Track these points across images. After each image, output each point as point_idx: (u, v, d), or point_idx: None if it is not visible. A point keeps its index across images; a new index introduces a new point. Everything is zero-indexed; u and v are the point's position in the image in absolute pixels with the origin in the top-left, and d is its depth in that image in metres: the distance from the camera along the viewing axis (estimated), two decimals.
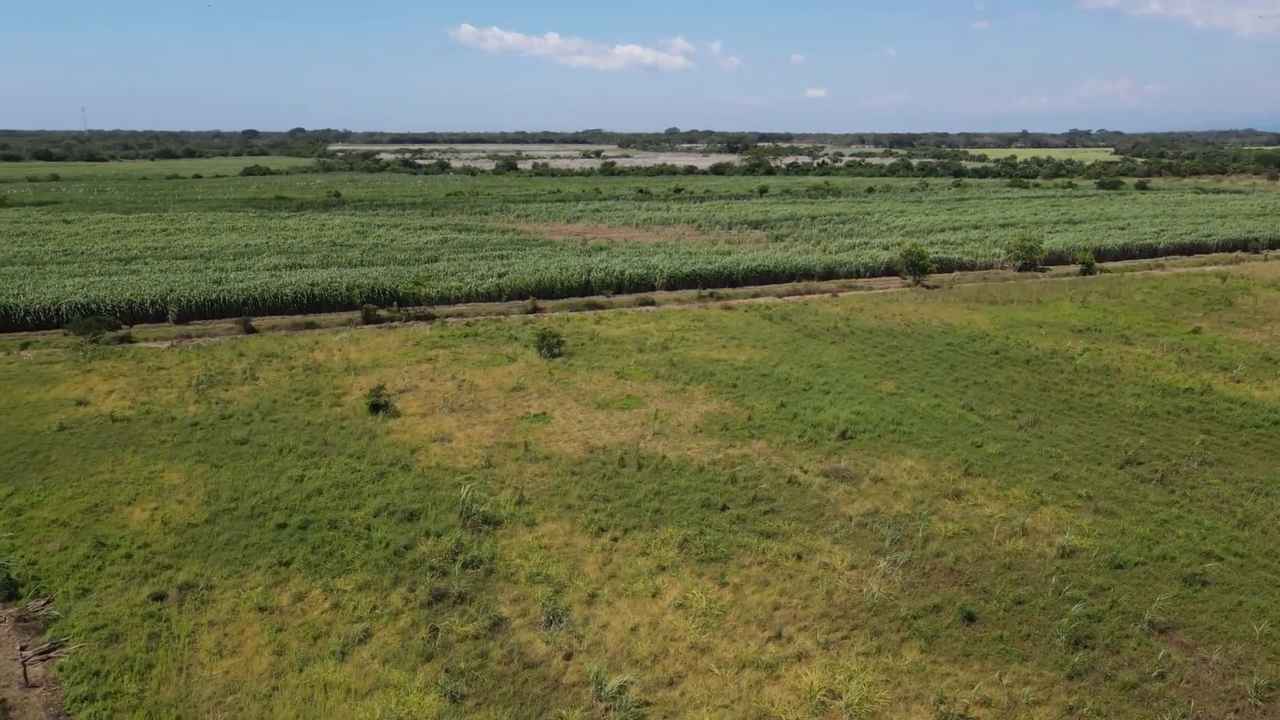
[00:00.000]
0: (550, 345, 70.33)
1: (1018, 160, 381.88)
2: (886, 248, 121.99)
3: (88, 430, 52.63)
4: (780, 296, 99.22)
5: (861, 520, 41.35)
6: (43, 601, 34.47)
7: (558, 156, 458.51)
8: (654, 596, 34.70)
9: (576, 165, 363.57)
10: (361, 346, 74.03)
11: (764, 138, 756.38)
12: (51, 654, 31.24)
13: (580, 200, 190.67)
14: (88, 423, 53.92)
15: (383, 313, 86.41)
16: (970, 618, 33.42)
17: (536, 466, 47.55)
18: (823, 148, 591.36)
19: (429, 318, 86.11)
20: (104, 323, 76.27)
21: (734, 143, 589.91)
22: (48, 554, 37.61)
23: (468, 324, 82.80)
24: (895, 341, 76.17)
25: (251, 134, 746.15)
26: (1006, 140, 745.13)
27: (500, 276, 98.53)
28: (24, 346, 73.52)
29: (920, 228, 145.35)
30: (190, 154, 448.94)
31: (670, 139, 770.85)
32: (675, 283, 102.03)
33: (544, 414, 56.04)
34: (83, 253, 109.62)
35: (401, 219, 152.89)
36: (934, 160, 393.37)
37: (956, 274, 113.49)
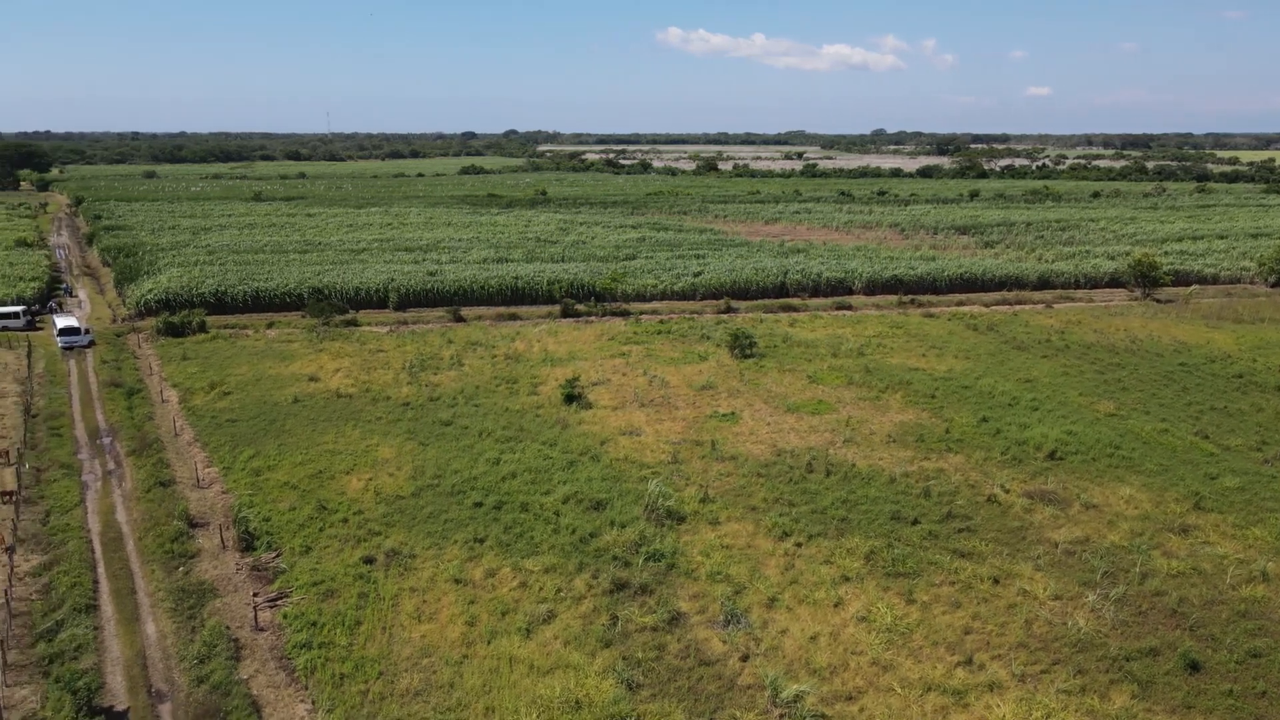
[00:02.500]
0: (742, 345, 70.07)
1: (1277, 163, 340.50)
2: (1112, 257, 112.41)
3: (317, 404, 57.83)
4: (987, 305, 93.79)
5: (1069, 548, 38.25)
6: (273, 555, 38.17)
7: (759, 158, 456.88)
8: (836, 606, 33.71)
9: (777, 166, 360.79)
10: (559, 339, 76.85)
11: (977, 139, 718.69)
12: (278, 602, 34.54)
13: (779, 201, 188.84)
14: (317, 397, 59.24)
15: (580, 307, 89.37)
16: (1194, 666, 30.08)
17: (723, 465, 47.47)
18: (1043, 149, 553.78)
19: (624, 314, 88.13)
20: (335, 307, 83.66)
21: (944, 144, 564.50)
22: (279, 512, 41.61)
23: (661, 321, 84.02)
24: (1117, 359, 69.98)
25: (470, 135, 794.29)
26: (1264, 141, 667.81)
27: (696, 275, 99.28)
28: (270, 326, 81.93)
29: (1153, 236, 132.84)
30: (415, 154, 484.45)
31: (876, 141, 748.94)
32: (874, 287, 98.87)
33: (733, 413, 55.88)
34: (320, 243, 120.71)
35: (603, 217, 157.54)
36: (1173, 163, 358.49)
37: (1194, 287, 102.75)
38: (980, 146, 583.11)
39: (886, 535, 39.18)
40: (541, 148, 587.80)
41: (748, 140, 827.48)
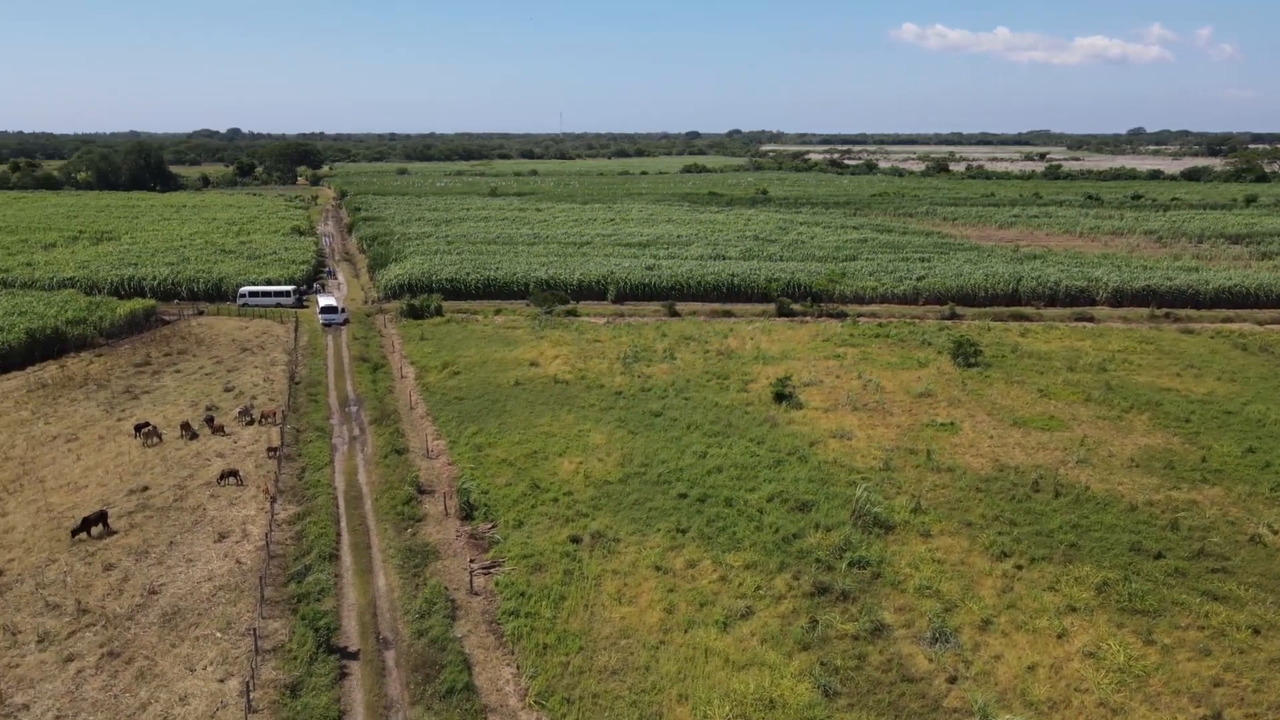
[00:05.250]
0: (966, 353, 66.19)
1: None
2: None
3: (535, 388, 60.66)
4: (1261, 324, 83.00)
5: None
6: (489, 525, 40.40)
7: (995, 159, 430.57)
8: (1059, 637, 30.96)
9: (1015, 168, 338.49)
10: (772, 337, 76.07)
11: (1258, 139, 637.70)
12: (491, 570, 36.51)
13: (1016, 205, 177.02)
14: (536, 381, 62.14)
15: (796, 307, 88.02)
16: None
17: (938, 476, 45.03)
18: None
19: (841, 315, 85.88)
20: (557, 297, 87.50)
21: (1216, 144, 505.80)
22: (496, 487, 44.00)
23: (880, 324, 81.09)
24: None
25: (694, 135, 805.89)
26: None
27: (919, 279, 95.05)
28: (497, 312, 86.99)
29: None
30: (640, 153, 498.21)
31: (1132, 140, 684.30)
32: (1121, 298, 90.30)
33: (952, 423, 52.90)
34: (547, 237, 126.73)
35: (823, 217, 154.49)
36: None
37: None
38: (1262, 147, 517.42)
39: (1123, 567, 35.55)
40: (764, 147, 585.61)
41: (983, 140, 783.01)
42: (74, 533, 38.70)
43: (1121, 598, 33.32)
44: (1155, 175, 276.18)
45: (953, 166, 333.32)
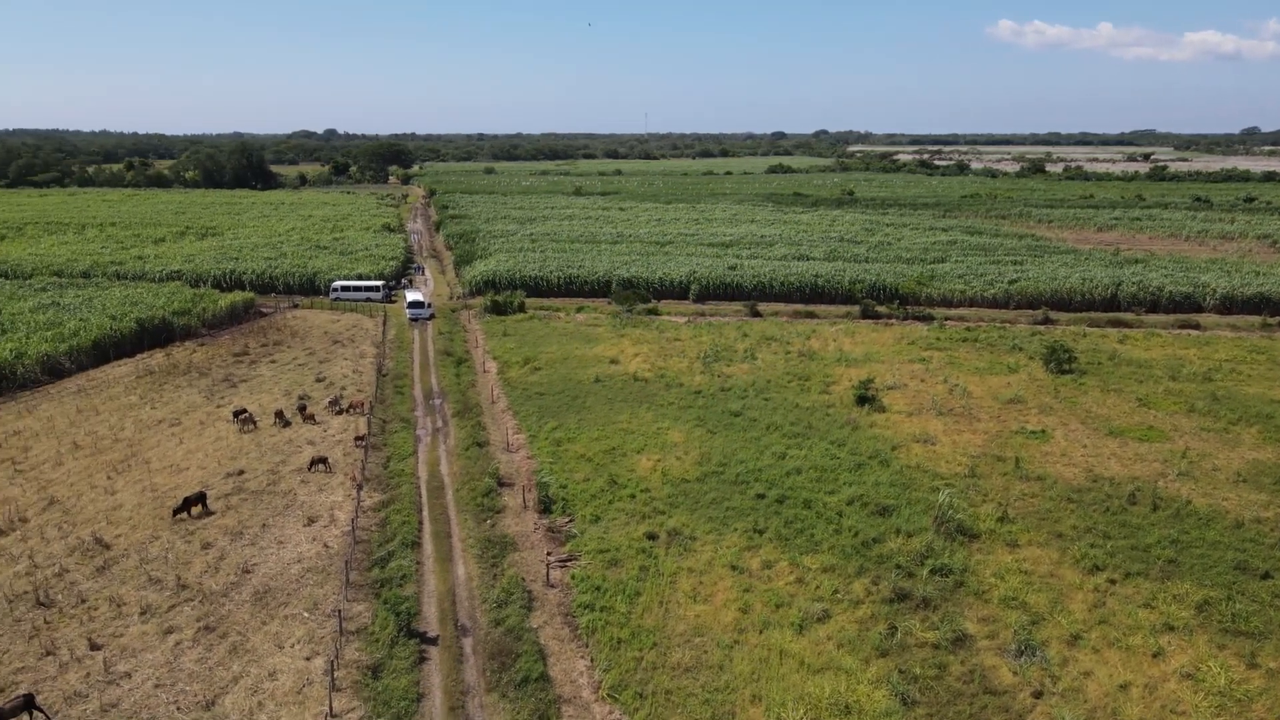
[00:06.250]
0: (1060, 360, 63.82)
1: None
2: None
3: (615, 385, 60.96)
4: None
5: None
6: (566, 519, 40.77)
7: (1095, 159, 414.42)
8: (1155, 657, 29.56)
9: (1117, 169, 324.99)
10: (855, 339, 74.78)
11: None
12: (568, 563, 36.83)
13: (1116, 207, 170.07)
14: (616, 379, 62.44)
15: (881, 309, 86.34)
16: None
17: (1027, 485, 43.54)
18: None
19: (927, 318, 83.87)
20: (638, 295, 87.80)
21: None
22: (574, 482, 44.36)
23: (968, 328, 78.88)
24: None
25: (779, 135, 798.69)
26: None
27: (1010, 283, 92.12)
28: (579, 310, 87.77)
29: None
30: (724, 153, 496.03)
31: (1246, 141, 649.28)
32: (1231, 305, 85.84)
33: (1043, 431, 51.08)
34: (629, 235, 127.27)
35: (911, 218, 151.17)
36: None
37: None
38: None
39: (1227, 586, 33.74)
40: (851, 148, 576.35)
41: (1083, 140, 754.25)
42: (175, 512, 40.61)
43: (1224, 618, 31.64)
44: (1270, 177, 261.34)
45: (1049, 167, 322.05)
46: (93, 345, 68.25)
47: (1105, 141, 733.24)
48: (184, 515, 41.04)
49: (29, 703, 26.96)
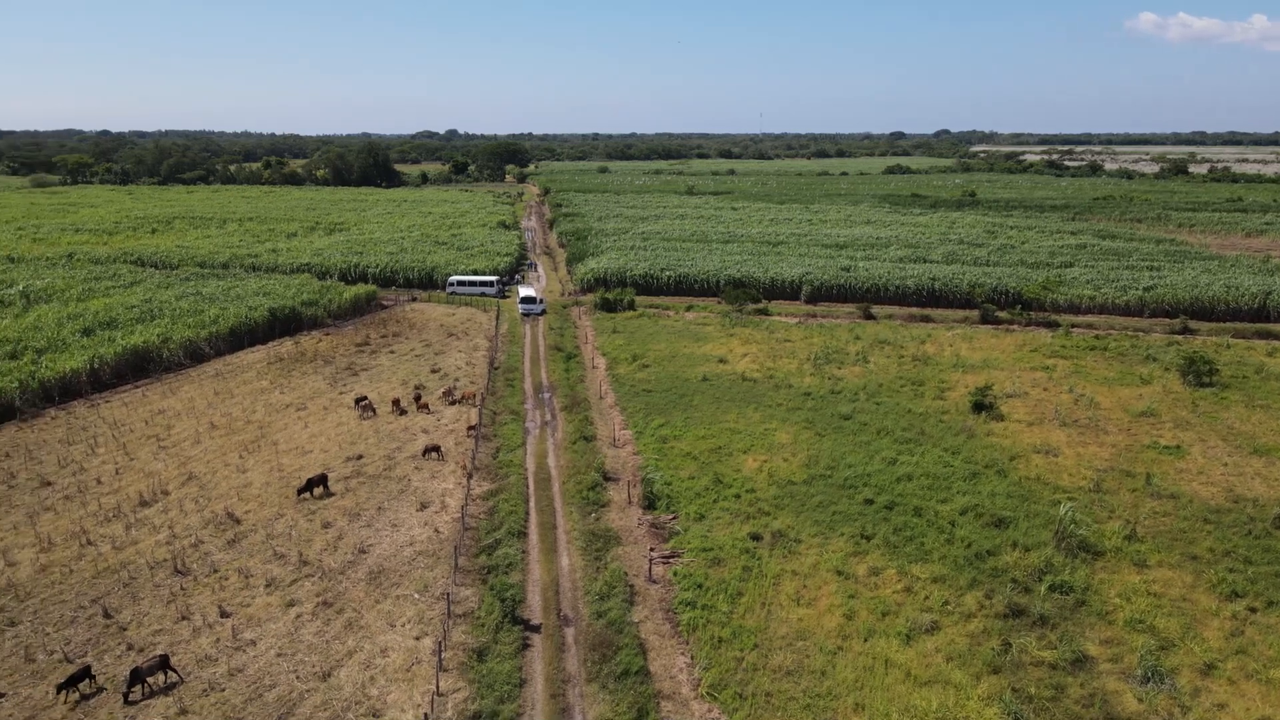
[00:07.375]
0: (1199, 372, 59.89)
1: None
2: None
3: (723, 384, 60.63)
4: None
5: None
6: (671, 516, 40.80)
7: (1245, 159, 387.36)
8: None
9: (1270, 170, 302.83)
10: (974, 345, 72.13)
11: None
12: (671, 560, 36.84)
13: (1269, 211, 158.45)
14: (724, 378, 62.10)
15: (1002, 314, 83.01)
16: None
17: (1158, 503, 41.03)
18: None
19: (1052, 324, 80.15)
20: (749, 295, 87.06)
21: None
22: (680, 479, 44.34)
23: (1096, 336, 74.98)
24: None
25: (898, 135, 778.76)
26: None
27: (1145, 289, 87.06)
28: (688, 308, 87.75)
29: None
30: (841, 154, 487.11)
31: None
32: None
33: (1178, 447, 48.05)
34: (741, 235, 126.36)
35: (1037, 221, 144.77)
36: None
37: None
38: None
39: None
40: (975, 148, 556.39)
41: (1231, 140, 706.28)
42: (299, 491, 42.67)
43: None
44: None
45: (1193, 168, 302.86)
46: (229, 332, 72.54)
47: (1257, 141, 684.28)
48: (307, 495, 43.07)
49: (164, 663, 28.79)
